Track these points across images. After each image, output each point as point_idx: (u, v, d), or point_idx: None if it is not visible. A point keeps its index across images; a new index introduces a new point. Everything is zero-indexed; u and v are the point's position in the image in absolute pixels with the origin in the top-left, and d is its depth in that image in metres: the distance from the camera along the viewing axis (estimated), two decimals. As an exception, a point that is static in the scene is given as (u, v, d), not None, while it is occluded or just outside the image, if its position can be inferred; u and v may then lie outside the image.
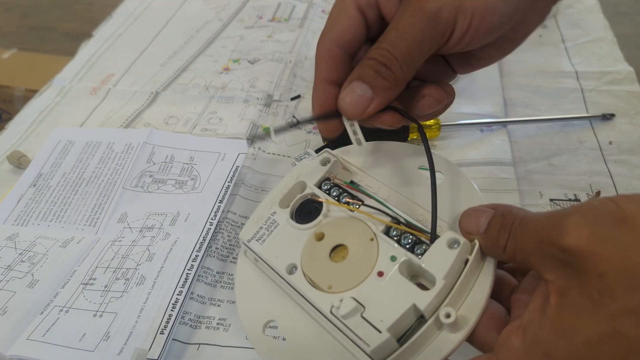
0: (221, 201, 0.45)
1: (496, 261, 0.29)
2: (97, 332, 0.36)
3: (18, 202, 0.48)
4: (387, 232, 0.31)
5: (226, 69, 0.65)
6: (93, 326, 0.37)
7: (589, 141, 0.51)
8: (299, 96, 0.60)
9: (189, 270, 0.40)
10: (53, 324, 0.37)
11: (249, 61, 0.66)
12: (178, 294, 0.38)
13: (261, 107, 0.58)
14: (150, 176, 0.49)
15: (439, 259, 0.28)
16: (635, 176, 0.48)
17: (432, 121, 0.51)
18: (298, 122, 0.33)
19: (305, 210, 0.35)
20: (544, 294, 0.25)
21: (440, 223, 0.31)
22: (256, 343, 0.32)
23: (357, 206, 0.33)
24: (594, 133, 0.52)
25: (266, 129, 0.55)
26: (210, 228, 0.43)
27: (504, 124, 0.53)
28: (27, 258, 0.42)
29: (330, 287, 0.30)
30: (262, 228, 0.34)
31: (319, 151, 0.50)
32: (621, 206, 0.23)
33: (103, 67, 0.67)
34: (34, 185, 0.49)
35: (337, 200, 0.34)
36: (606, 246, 0.22)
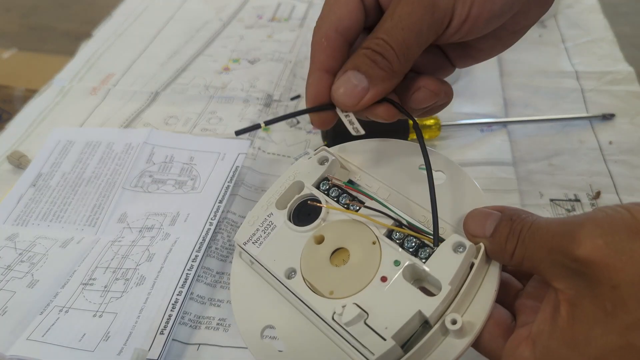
0: (221, 201, 0.45)
1: (501, 265, 0.28)
2: (97, 332, 0.36)
3: (18, 202, 0.48)
4: (390, 235, 0.31)
5: (226, 69, 0.65)
6: (93, 326, 0.37)
7: (589, 141, 0.51)
8: (299, 96, 0.60)
9: (189, 270, 0.40)
10: (53, 324, 0.37)
11: (249, 61, 0.66)
12: (178, 294, 0.38)
13: (261, 107, 0.58)
14: (150, 176, 0.49)
15: (444, 264, 0.27)
16: (635, 176, 0.48)
17: (432, 121, 0.51)
18: (290, 115, 0.32)
19: (303, 211, 0.33)
20: (554, 303, 0.24)
21: (443, 225, 0.30)
22: (254, 349, 0.31)
23: (358, 208, 0.32)
24: (594, 133, 0.52)
25: (265, 129, 0.55)
26: (210, 228, 0.43)
27: (504, 124, 0.53)
28: (27, 258, 0.42)
29: (331, 293, 0.29)
30: (259, 230, 0.33)
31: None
32: (636, 216, 0.22)
33: (103, 67, 0.67)
34: (34, 185, 0.49)
35: (337, 201, 0.33)
36: (621, 257, 0.22)
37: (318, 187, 0.34)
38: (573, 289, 0.23)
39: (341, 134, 0.51)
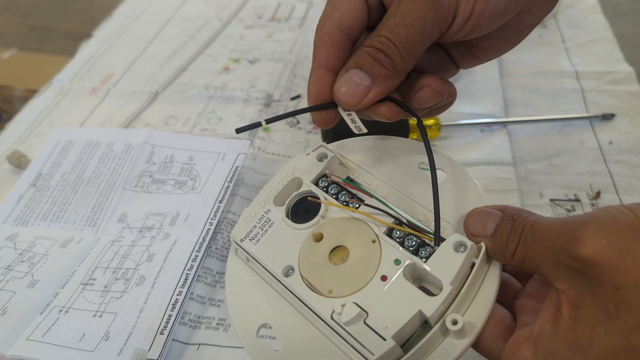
0: (221, 201, 0.45)
1: (501, 265, 0.28)
2: (97, 332, 0.36)
3: (18, 202, 0.48)
4: (390, 234, 0.30)
5: (226, 69, 0.65)
6: (93, 326, 0.37)
7: (589, 141, 0.51)
8: (299, 96, 0.60)
9: (189, 270, 0.40)
10: (53, 324, 0.37)
11: (249, 61, 0.66)
12: (178, 294, 0.38)
13: (261, 107, 0.58)
14: (150, 176, 0.49)
15: (446, 263, 0.27)
16: (635, 176, 0.47)
17: (432, 121, 0.51)
18: (291, 113, 0.32)
19: (301, 208, 0.33)
20: (555, 304, 0.24)
21: (443, 224, 0.30)
22: (250, 348, 0.30)
23: (358, 206, 0.32)
24: (594, 133, 0.52)
25: (266, 129, 0.55)
26: (210, 228, 0.43)
27: (504, 124, 0.53)
28: (27, 258, 0.42)
29: (330, 292, 0.29)
30: (256, 227, 0.33)
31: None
32: None
33: (103, 67, 0.67)
34: (34, 185, 0.49)
35: (336, 198, 0.33)
36: (624, 258, 0.21)
37: (317, 184, 0.34)
38: (575, 290, 0.23)
39: (341, 134, 0.51)
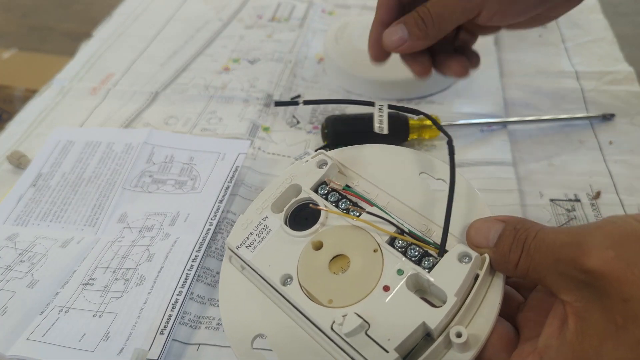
0: (221, 201, 0.45)
1: (505, 276, 0.27)
2: (97, 332, 0.36)
3: (18, 202, 0.48)
4: (392, 243, 0.30)
5: (226, 69, 0.65)
6: (93, 326, 0.37)
7: (589, 141, 0.51)
8: (299, 96, 0.60)
9: (189, 270, 0.40)
10: (53, 324, 0.37)
11: (249, 61, 0.66)
12: (178, 294, 0.38)
13: (261, 107, 0.58)
14: (150, 176, 0.49)
15: (449, 274, 0.27)
16: (635, 176, 0.48)
17: (430, 122, 0.51)
18: (334, 101, 0.42)
19: (300, 216, 0.32)
20: (561, 317, 0.24)
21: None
22: (244, 359, 0.29)
23: (359, 214, 0.31)
24: (594, 133, 0.52)
25: (266, 129, 0.55)
26: (210, 228, 0.43)
27: (504, 124, 0.53)
28: (27, 258, 0.42)
29: (330, 302, 0.28)
30: (253, 234, 0.32)
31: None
32: None
33: (103, 67, 0.67)
34: (34, 185, 0.49)
35: (336, 206, 0.32)
36: (632, 270, 0.21)
37: (316, 191, 0.33)
38: (581, 302, 0.23)
39: (342, 136, 0.51)
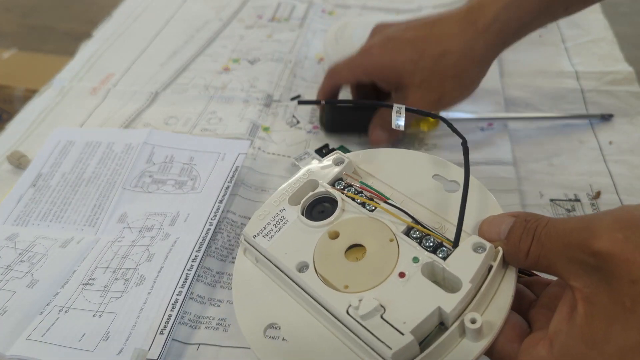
0: (221, 201, 0.45)
1: (517, 271, 0.28)
2: (97, 332, 0.36)
3: (18, 202, 0.48)
4: (408, 233, 0.30)
5: (226, 69, 0.65)
6: (93, 326, 0.37)
7: (589, 141, 0.51)
8: (299, 96, 0.60)
9: (189, 270, 0.40)
10: (53, 324, 0.37)
11: (249, 61, 0.66)
12: (178, 294, 0.38)
13: (261, 107, 0.58)
14: (150, 176, 0.49)
15: (464, 263, 0.27)
16: (635, 176, 0.48)
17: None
18: (352, 101, 0.44)
19: (317, 209, 0.33)
20: (571, 302, 0.24)
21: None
22: (257, 347, 0.30)
23: (374, 208, 0.32)
24: (594, 133, 0.52)
25: (265, 129, 0.55)
26: (209, 228, 0.43)
27: (505, 125, 0.53)
28: (27, 258, 0.42)
29: (346, 287, 0.29)
30: (270, 224, 0.33)
31: (319, 151, 0.51)
32: None
33: (103, 67, 0.67)
34: (34, 185, 0.49)
35: (352, 200, 0.33)
36: None
37: (333, 186, 0.34)
38: (590, 287, 0.23)
39: (340, 124, 0.53)
